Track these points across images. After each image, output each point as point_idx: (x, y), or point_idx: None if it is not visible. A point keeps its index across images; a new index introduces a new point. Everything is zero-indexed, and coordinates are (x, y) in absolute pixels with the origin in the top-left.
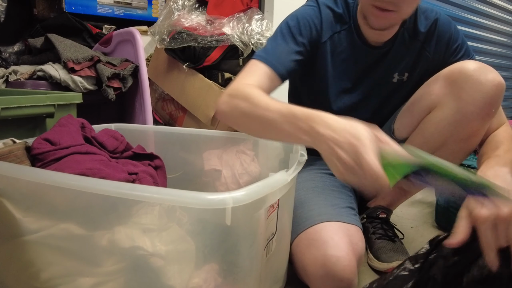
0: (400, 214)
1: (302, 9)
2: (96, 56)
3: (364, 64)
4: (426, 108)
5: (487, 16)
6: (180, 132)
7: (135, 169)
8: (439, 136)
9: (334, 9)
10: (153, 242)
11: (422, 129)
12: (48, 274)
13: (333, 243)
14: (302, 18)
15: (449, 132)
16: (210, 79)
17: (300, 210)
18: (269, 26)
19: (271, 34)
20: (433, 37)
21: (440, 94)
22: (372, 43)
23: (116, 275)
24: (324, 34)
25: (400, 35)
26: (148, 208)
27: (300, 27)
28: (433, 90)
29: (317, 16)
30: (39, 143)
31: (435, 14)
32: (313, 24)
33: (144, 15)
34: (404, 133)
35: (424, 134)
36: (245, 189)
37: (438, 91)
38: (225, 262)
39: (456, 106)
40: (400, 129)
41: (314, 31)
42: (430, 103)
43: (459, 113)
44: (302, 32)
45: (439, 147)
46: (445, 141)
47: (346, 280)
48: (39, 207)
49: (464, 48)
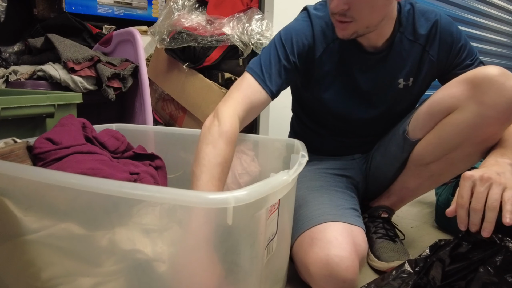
0: (400, 214)
1: (295, 24)
2: (96, 56)
3: (363, 70)
4: (445, 110)
5: (487, 16)
6: (181, 132)
7: (136, 169)
8: (456, 138)
9: (326, 20)
10: (154, 243)
11: (439, 130)
12: (48, 273)
13: (337, 243)
14: (296, 34)
15: (467, 134)
16: (210, 79)
17: (304, 209)
18: (269, 26)
19: (271, 35)
20: (435, 39)
21: (461, 97)
22: (367, 49)
23: (116, 275)
24: (318, 48)
25: (397, 39)
26: (149, 209)
27: (293, 44)
28: (455, 93)
29: (309, 31)
30: (40, 142)
31: (435, 16)
32: (306, 40)
33: (144, 15)
34: (419, 134)
35: (441, 135)
36: (246, 189)
37: (459, 94)
38: (226, 261)
39: (477, 110)
40: (416, 130)
41: (307, 47)
42: (451, 105)
43: (480, 116)
44: (295, 49)
45: (454, 149)
46: (461, 143)
47: (348, 281)
48: (40, 207)
49: (468, 48)
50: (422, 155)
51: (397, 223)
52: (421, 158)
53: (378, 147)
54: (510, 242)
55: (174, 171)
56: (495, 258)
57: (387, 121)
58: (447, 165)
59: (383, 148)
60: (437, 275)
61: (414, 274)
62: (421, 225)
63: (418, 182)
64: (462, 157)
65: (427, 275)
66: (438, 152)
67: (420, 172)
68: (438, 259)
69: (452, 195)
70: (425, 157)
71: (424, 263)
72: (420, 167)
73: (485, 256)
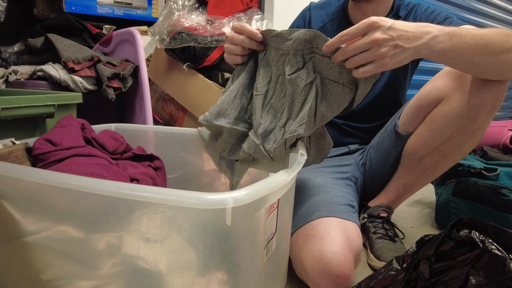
0: (400, 214)
1: (297, 17)
2: (96, 56)
3: None
4: (433, 102)
5: (487, 16)
6: (180, 132)
7: (136, 171)
8: (446, 129)
9: (324, 7)
10: (154, 250)
11: (429, 123)
12: (47, 276)
13: (329, 238)
14: (294, 24)
15: (456, 125)
16: (210, 79)
17: (299, 206)
18: (269, 26)
19: None
20: (411, 14)
21: (447, 88)
22: None
23: (115, 277)
24: (313, 26)
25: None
26: (150, 215)
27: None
28: (440, 84)
29: (307, 15)
30: (40, 143)
31: (414, 4)
32: (302, 23)
33: (144, 15)
34: (410, 127)
35: (431, 127)
36: (245, 189)
37: (445, 86)
38: (225, 262)
39: (463, 99)
40: (406, 124)
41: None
42: (438, 97)
43: (466, 106)
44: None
45: (446, 140)
46: (452, 134)
47: (342, 276)
48: (39, 208)
49: (445, 14)
50: (414, 149)
51: (397, 223)
52: (414, 152)
53: (373, 143)
54: (492, 244)
55: (174, 171)
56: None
57: (381, 101)
58: (440, 157)
59: (376, 144)
60: (425, 271)
61: (402, 270)
62: (421, 225)
63: (414, 177)
64: (454, 148)
65: (416, 270)
66: (430, 144)
67: (414, 166)
68: (424, 257)
69: (452, 195)
70: (418, 150)
71: (411, 259)
72: (414, 161)
73: (470, 257)
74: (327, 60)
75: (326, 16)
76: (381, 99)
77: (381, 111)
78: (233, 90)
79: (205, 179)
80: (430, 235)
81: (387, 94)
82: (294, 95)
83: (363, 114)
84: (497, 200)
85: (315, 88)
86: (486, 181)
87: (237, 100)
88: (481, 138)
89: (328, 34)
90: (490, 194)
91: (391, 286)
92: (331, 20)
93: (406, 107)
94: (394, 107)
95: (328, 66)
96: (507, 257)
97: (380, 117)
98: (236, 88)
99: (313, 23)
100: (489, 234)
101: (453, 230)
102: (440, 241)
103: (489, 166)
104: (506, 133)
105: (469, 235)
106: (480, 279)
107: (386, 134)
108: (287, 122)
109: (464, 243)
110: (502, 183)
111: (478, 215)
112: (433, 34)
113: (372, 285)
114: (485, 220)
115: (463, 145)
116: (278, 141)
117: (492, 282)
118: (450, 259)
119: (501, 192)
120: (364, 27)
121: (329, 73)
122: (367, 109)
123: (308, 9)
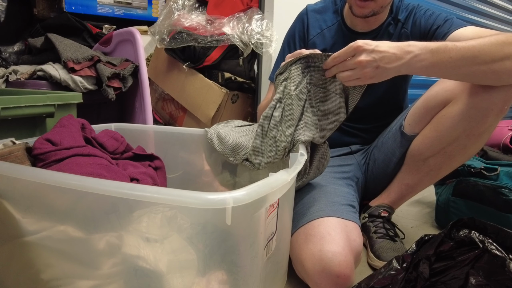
0: (400, 214)
1: (293, 22)
2: (96, 56)
3: None
4: (440, 103)
5: (487, 16)
6: (180, 132)
7: (136, 171)
8: (453, 130)
9: (321, 12)
10: (154, 249)
11: (435, 124)
12: (47, 275)
13: (330, 238)
14: (293, 27)
15: (463, 127)
16: (210, 79)
17: (300, 206)
18: (269, 26)
19: (271, 35)
20: (410, 16)
21: (455, 90)
22: (360, 31)
23: (115, 277)
24: (312, 32)
25: (386, 23)
26: (150, 215)
27: (294, 36)
28: (449, 86)
29: (304, 20)
30: (40, 143)
31: (413, 6)
32: (301, 27)
33: (144, 15)
34: (416, 128)
35: (438, 128)
36: (245, 189)
37: (453, 87)
38: (225, 262)
39: (471, 102)
40: (412, 124)
41: (302, 33)
42: (446, 99)
43: (474, 108)
44: (296, 40)
45: (452, 142)
46: (458, 136)
47: (342, 276)
48: (39, 208)
49: (444, 16)
50: (420, 150)
51: (397, 222)
52: (419, 153)
53: (376, 144)
54: (492, 244)
55: (174, 170)
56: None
57: (382, 103)
58: (445, 159)
59: (380, 144)
60: (425, 271)
61: (402, 270)
62: (421, 225)
63: (417, 177)
64: (460, 149)
65: (416, 270)
66: (436, 145)
67: (418, 167)
68: (424, 257)
69: (452, 195)
70: (423, 151)
71: (411, 259)
72: (419, 162)
73: (469, 257)
74: (321, 71)
75: (323, 22)
76: (381, 102)
77: (382, 113)
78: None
79: (205, 179)
80: (430, 235)
81: (388, 97)
82: (293, 107)
83: (364, 115)
84: (497, 200)
85: (310, 98)
86: (486, 181)
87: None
88: (486, 141)
89: (326, 41)
90: (490, 194)
91: (391, 286)
92: (329, 27)
93: (412, 108)
94: (394, 109)
95: (321, 77)
96: (506, 257)
97: (381, 119)
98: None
99: (311, 28)
100: (489, 234)
101: (453, 230)
102: (440, 241)
103: (489, 166)
104: (506, 133)
105: (469, 235)
106: (480, 279)
107: (391, 134)
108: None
109: (464, 243)
110: (502, 183)
111: (478, 215)
112: (414, 54)
113: (372, 284)
114: (485, 220)
115: (469, 147)
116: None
117: (492, 282)
118: (450, 259)
119: (501, 192)
120: (351, 51)
121: (321, 82)
122: (368, 111)
123: (305, 13)
